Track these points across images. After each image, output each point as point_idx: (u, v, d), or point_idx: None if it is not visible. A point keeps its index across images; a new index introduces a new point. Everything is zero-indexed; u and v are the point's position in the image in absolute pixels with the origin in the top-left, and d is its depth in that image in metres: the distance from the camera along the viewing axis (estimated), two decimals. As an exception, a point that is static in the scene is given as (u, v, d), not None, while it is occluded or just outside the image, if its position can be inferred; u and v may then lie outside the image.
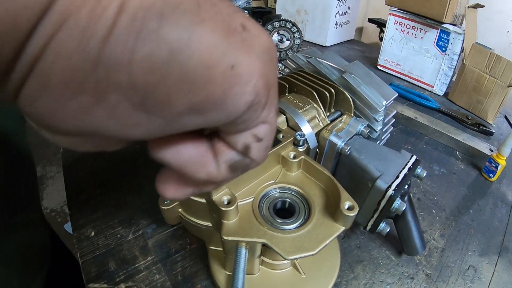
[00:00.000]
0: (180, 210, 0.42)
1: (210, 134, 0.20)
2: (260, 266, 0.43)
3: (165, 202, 0.41)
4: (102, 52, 0.12)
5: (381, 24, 1.32)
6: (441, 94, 0.96)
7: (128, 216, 0.52)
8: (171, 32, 0.13)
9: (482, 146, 0.70)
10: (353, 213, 0.34)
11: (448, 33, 0.90)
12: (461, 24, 0.93)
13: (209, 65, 0.14)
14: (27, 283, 0.50)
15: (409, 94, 0.91)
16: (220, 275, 0.43)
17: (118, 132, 0.15)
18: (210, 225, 0.40)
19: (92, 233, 0.50)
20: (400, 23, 1.00)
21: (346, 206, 0.34)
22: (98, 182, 0.57)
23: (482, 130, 0.79)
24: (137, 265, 0.46)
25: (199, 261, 0.47)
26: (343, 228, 0.35)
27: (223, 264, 0.43)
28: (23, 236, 0.51)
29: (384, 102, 0.52)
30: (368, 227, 0.47)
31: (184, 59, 0.13)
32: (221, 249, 0.44)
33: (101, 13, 0.12)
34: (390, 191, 0.42)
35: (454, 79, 0.94)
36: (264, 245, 0.39)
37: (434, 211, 0.57)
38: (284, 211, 0.39)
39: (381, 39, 1.19)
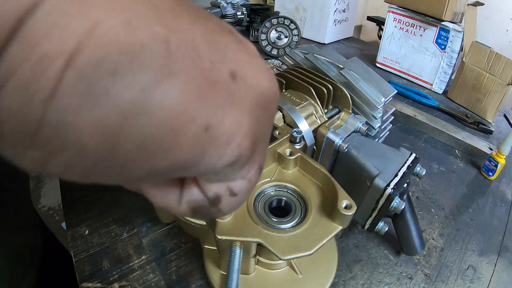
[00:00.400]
0: (174, 208, 0.41)
1: None
2: (256, 265, 0.42)
3: (159, 200, 0.40)
4: (45, 113, 0.11)
5: (380, 22, 1.31)
6: (440, 92, 0.95)
7: (122, 214, 0.51)
8: (124, 93, 0.11)
9: (481, 144, 0.69)
10: (350, 212, 0.33)
11: (447, 31, 0.89)
12: (460, 22, 0.92)
13: (174, 129, 0.12)
14: (15, 282, 0.50)
15: (408, 92, 0.90)
16: (215, 274, 0.42)
17: (82, 181, 0.13)
18: (205, 223, 0.39)
19: (86, 232, 0.49)
20: (399, 21, 0.98)
21: (344, 205, 0.33)
22: (93, 179, 0.56)
23: (481, 128, 0.78)
24: (131, 264, 0.45)
25: (194, 260, 0.46)
26: (340, 228, 0.34)
27: (218, 264, 0.42)
28: (14, 238, 0.50)
29: (383, 99, 0.51)
30: (366, 226, 0.46)
31: (140, 125, 0.11)
32: (216, 248, 0.43)
33: (43, 70, 0.10)
34: (389, 190, 0.41)
35: (453, 77, 0.93)
36: (259, 245, 0.38)
37: (433, 210, 0.56)
38: (280, 209, 0.38)
39: (380, 37, 1.18)
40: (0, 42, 0.10)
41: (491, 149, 0.67)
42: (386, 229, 0.44)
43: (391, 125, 0.59)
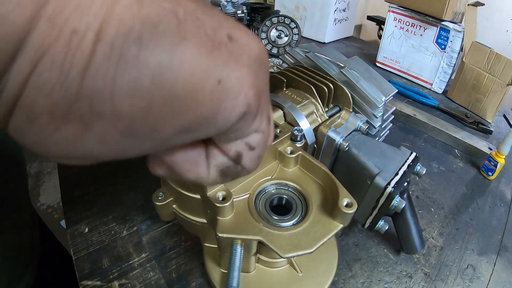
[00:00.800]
0: (174, 206, 0.41)
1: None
2: (256, 264, 0.42)
3: (159, 198, 0.40)
4: (82, 84, 0.12)
5: (380, 22, 1.31)
6: (440, 92, 0.95)
7: (122, 212, 0.51)
8: (151, 57, 0.12)
9: (481, 144, 0.69)
10: (351, 211, 0.33)
11: (447, 31, 0.89)
12: (460, 22, 0.92)
13: (194, 85, 0.13)
14: (14, 281, 0.49)
15: (408, 91, 0.90)
16: (215, 273, 0.42)
17: (110, 156, 0.15)
18: (205, 221, 0.39)
19: (86, 230, 0.49)
20: (400, 20, 0.98)
21: (345, 203, 0.33)
22: (92, 178, 0.56)
23: (481, 128, 0.78)
24: (131, 262, 0.45)
25: (194, 259, 0.46)
26: (341, 226, 0.34)
27: (218, 262, 0.42)
28: (13, 236, 0.50)
29: (383, 98, 0.51)
30: (367, 225, 0.46)
31: (167, 83, 0.13)
32: (216, 246, 0.43)
33: (77, 44, 0.11)
34: (389, 188, 0.41)
35: (453, 77, 0.93)
36: (260, 243, 0.38)
37: (432, 209, 0.56)
38: (281, 207, 0.38)
39: (380, 36, 1.18)
40: (25, 23, 0.11)
41: (490, 149, 0.67)
42: (386, 228, 0.44)
43: (391, 124, 0.59)
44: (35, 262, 0.55)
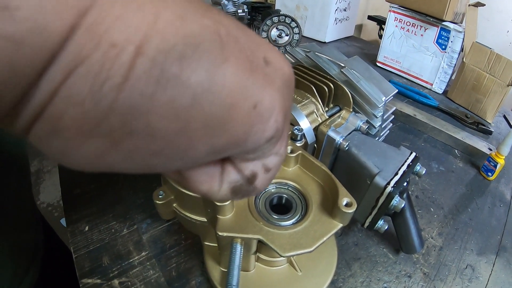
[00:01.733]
0: (174, 205, 0.41)
1: None
2: (256, 262, 0.42)
3: (160, 197, 0.40)
4: (117, 99, 0.11)
5: (381, 22, 1.31)
6: (440, 92, 0.95)
7: (122, 211, 0.51)
8: (193, 76, 0.12)
9: (480, 144, 0.69)
10: (351, 210, 0.33)
11: (448, 31, 0.89)
12: (461, 22, 0.92)
13: (232, 107, 0.13)
14: (18, 278, 0.50)
15: (408, 91, 0.90)
16: (215, 271, 0.42)
17: (132, 171, 0.14)
18: (205, 220, 0.39)
19: (86, 228, 0.49)
20: (400, 20, 0.99)
21: (344, 203, 0.33)
22: (93, 176, 0.56)
23: (481, 129, 0.78)
24: (131, 260, 0.45)
25: (194, 257, 0.46)
26: (340, 225, 0.34)
27: (218, 260, 0.42)
28: (15, 236, 0.50)
29: (383, 98, 0.51)
30: (366, 224, 0.46)
31: (207, 104, 0.13)
32: (216, 245, 0.43)
33: (115, 57, 0.11)
34: (389, 188, 0.41)
35: (453, 77, 0.93)
36: (259, 242, 0.38)
37: (432, 209, 0.56)
38: (281, 207, 0.38)
39: (380, 36, 1.18)
40: (63, 33, 0.10)
41: (490, 150, 0.67)
42: (386, 227, 0.45)
43: (391, 124, 0.59)
44: (38, 260, 0.55)
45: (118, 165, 0.13)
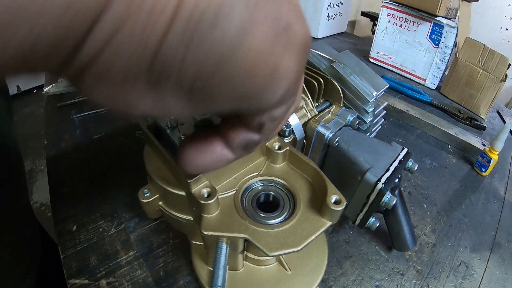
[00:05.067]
0: (160, 203, 0.39)
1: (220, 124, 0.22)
2: (244, 262, 0.41)
3: (145, 195, 0.38)
4: (158, 50, 0.13)
5: (374, 18, 1.29)
6: (433, 88, 0.94)
7: (110, 209, 0.49)
8: (226, 33, 0.13)
9: (474, 140, 0.68)
10: (340, 208, 0.31)
11: (441, 27, 0.87)
12: (454, 17, 0.91)
13: (256, 65, 0.15)
14: (19, 279, 0.49)
15: (401, 87, 0.89)
16: (203, 271, 0.41)
17: (163, 115, 0.16)
18: (191, 219, 0.38)
19: (74, 227, 0.47)
20: (393, 16, 0.97)
21: (333, 200, 0.32)
22: (81, 174, 0.54)
23: (474, 124, 0.77)
24: (118, 260, 0.44)
25: (181, 256, 0.45)
26: (329, 223, 0.33)
27: (205, 260, 0.41)
28: (13, 236, 0.49)
29: (374, 93, 0.50)
30: (357, 222, 0.44)
31: (235, 59, 0.14)
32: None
33: (159, 13, 0.12)
34: (380, 185, 0.39)
35: (446, 73, 0.92)
36: (246, 241, 0.37)
37: (425, 206, 0.55)
38: (268, 204, 0.36)
39: (373, 32, 1.17)
40: None
41: (484, 145, 0.66)
42: (377, 224, 0.43)
43: (383, 119, 0.58)
44: (36, 261, 0.54)
45: (152, 108, 0.15)
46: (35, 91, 2.60)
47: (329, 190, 0.33)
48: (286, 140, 0.40)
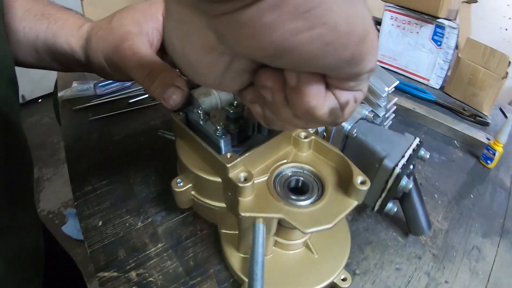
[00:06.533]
0: (193, 192, 0.44)
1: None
2: (274, 248, 0.46)
3: (179, 185, 0.43)
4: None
5: (377, 22, 1.37)
6: (437, 88, 1.01)
7: (136, 205, 0.54)
8: (346, 11, 0.17)
9: (479, 135, 0.74)
10: (365, 187, 0.37)
11: (443, 28, 0.94)
12: (455, 19, 0.98)
13: (362, 34, 0.19)
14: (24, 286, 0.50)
15: (406, 87, 0.95)
16: (234, 258, 0.45)
17: (300, 56, 0.19)
18: (224, 206, 0.43)
19: (100, 223, 0.52)
20: (396, 19, 1.04)
21: (359, 181, 0.37)
22: (104, 174, 0.59)
23: (478, 121, 0.83)
24: (147, 252, 0.48)
25: (210, 247, 0.49)
26: (356, 203, 0.38)
27: (236, 247, 0.46)
28: (19, 239, 0.50)
29: (386, 88, 0.56)
30: (376, 208, 0.50)
31: (352, 27, 0.18)
32: (234, 232, 0.46)
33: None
34: (397, 170, 0.45)
35: (449, 73, 0.99)
36: (279, 224, 0.42)
37: (436, 196, 0.61)
38: (298, 189, 0.41)
39: (377, 36, 1.24)
40: None
41: (488, 139, 0.72)
42: (395, 210, 0.49)
43: (393, 114, 0.64)
44: (41, 268, 0.55)
45: (296, 46, 0.18)
46: (39, 100, 2.64)
47: (354, 172, 0.38)
48: (310, 131, 0.45)
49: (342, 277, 0.44)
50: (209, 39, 0.19)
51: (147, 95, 0.78)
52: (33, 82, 2.46)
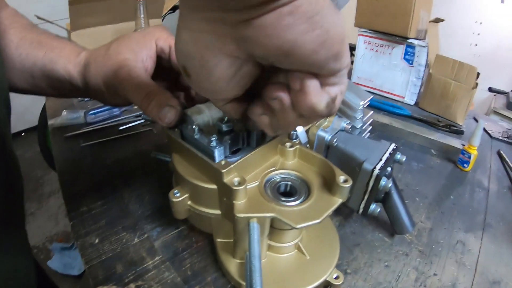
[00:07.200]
0: (189, 202, 0.47)
1: None
2: (267, 252, 0.49)
3: (176, 195, 0.47)
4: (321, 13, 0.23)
5: (351, 49, 1.46)
6: (412, 104, 1.08)
7: (131, 223, 0.57)
8: (329, 20, 0.23)
9: (454, 142, 0.81)
10: (348, 184, 0.41)
11: (413, 47, 1.03)
12: (424, 38, 1.07)
13: (342, 37, 0.25)
14: None
15: (382, 105, 1.02)
16: (230, 264, 0.48)
17: (299, 50, 0.24)
18: (219, 213, 0.46)
19: (96, 240, 0.54)
20: (369, 42, 1.13)
21: (342, 180, 0.42)
22: (98, 195, 0.62)
23: (453, 130, 0.90)
24: (145, 265, 0.51)
25: (206, 257, 0.52)
26: (341, 200, 0.42)
27: (232, 254, 0.49)
28: (7, 259, 0.50)
29: (361, 102, 0.62)
30: (361, 210, 0.54)
31: (336, 31, 0.24)
32: (229, 240, 0.49)
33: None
34: (376, 171, 0.50)
35: (422, 89, 1.07)
36: (271, 227, 0.45)
37: (417, 199, 0.66)
38: (287, 193, 0.46)
39: (352, 62, 1.32)
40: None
41: (463, 145, 0.79)
42: (378, 210, 0.53)
43: (370, 126, 0.69)
44: None
45: (299, 44, 0.23)
46: (22, 134, 2.66)
47: (337, 173, 0.43)
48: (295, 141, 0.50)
49: (334, 276, 0.48)
50: (229, 45, 0.25)
51: (137, 122, 0.82)
52: (16, 115, 2.46)
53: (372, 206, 0.53)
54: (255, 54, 0.26)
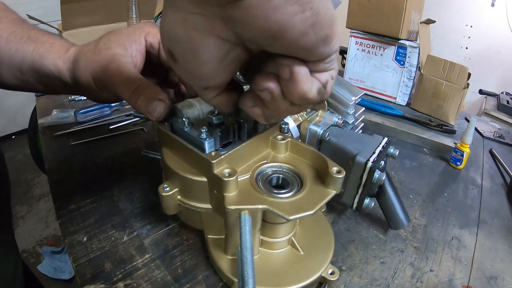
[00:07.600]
0: (179, 197, 0.46)
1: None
2: (260, 248, 0.48)
3: (165, 189, 0.45)
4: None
5: (342, 52, 1.46)
6: (404, 104, 1.08)
7: (121, 220, 0.55)
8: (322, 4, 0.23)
9: (446, 141, 0.80)
10: (341, 175, 0.40)
11: (405, 48, 1.03)
12: (415, 39, 1.08)
13: (332, 21, 0.24)
14: None
15: (374, 105, 1.02)
16: (222, 261, 0.47)
17: (289, 30, 0.23)
18: (210, 207, 0.45)
19: (85, 238, 0.52)
20: (361, 43, 1.13)
21: (335, 171, 0.41)
22: (87, 193, 0.60)
23: (445, 129, 0.90)
24: (134, 263, 0.49)
25: (197, 254, 0.51)
26: (334, 192, 0.41)
27: (223, 250, 0.47)
28: None
29: (353, 98, 0.61)
30: (355, 205, 0.53)
31: (320, 16, 0.23)
32: (220, 236, 0.48)
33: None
34: (369, 164, 0.49)
35: (414, 90, 1.07)
36: (263, 221, 0.44)
37: (411, 196, 0.65)
38: (279, 186, 0.45)
39: (343, 65, 1.33)
40: None
41: (455, 143, 0.78)
42: (373, 204, 0.52)
43: (363, 123, 0.69)
44: None
45: (288, 26, 0.23)
46: (13, 137, 2.63)
47: (329, 164, 0.42)
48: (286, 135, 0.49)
49: (330, 271, 0.47)
50: (217, 26, 0.24)
51: (127, 122, 0.81)
52: (7, 118, 2.46)
53: (366, 201, 0.52)
54: (243, 37, 0.25)
